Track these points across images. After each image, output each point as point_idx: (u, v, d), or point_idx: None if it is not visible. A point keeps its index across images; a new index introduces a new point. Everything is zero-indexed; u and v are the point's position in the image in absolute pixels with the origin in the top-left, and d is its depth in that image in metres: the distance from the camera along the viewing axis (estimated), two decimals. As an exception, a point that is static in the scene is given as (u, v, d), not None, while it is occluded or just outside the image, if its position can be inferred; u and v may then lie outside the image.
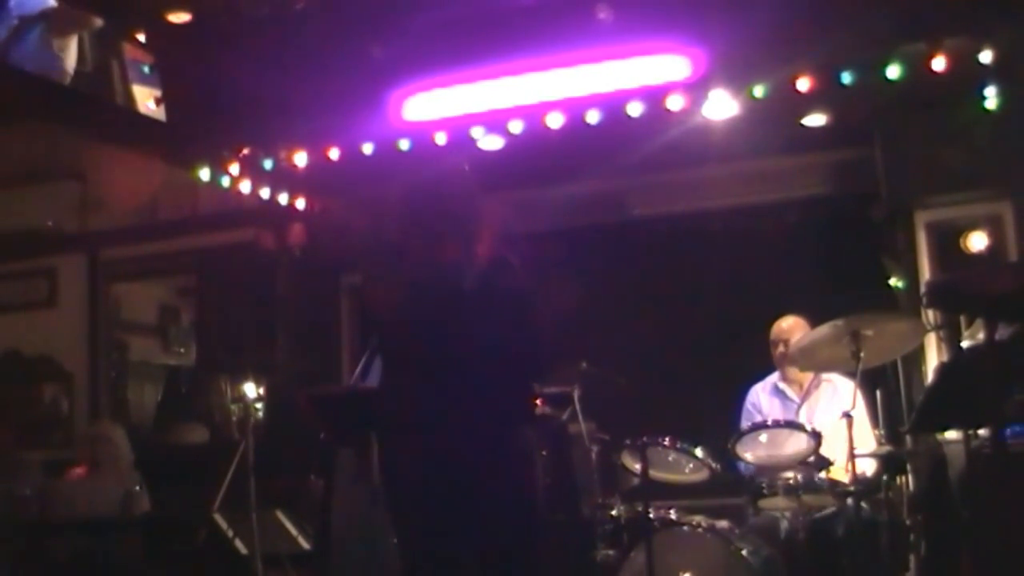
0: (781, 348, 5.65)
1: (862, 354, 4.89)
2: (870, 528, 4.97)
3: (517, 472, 3.68)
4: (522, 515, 3.68)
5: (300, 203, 7.17)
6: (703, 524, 5.08)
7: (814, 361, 5.33)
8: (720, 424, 5.64)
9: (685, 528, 5.08)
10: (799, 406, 5.53)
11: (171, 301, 9.53)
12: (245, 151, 6.61)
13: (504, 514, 3.62)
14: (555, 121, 5.86)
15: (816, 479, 5.00)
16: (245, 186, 6.84)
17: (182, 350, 9.40)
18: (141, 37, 6.24)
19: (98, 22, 6.06)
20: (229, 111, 6.33)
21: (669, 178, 6.86)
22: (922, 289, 5.83)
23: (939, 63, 5.32)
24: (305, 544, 6.08)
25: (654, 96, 5.69)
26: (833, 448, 5.00)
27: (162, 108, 6.30)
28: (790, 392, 5.70)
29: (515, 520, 3.65)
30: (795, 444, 5.07)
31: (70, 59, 5.92)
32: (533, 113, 5.89)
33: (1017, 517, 3.86)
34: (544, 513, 3.93)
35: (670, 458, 5.31)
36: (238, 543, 5.86)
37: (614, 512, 5.20)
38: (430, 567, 3.66)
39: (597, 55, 5.79)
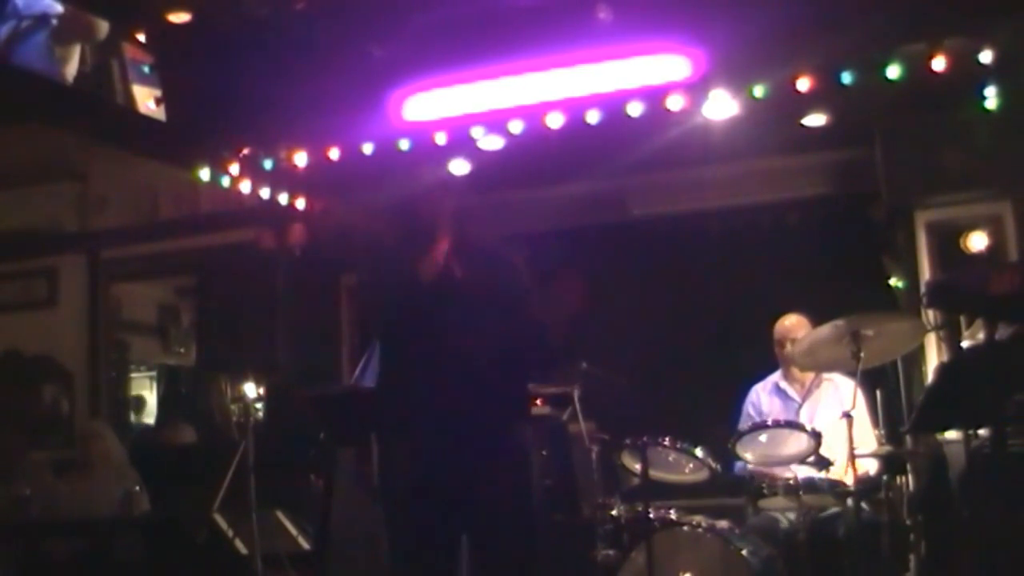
0: (788, 347, 5.63)
1: (862, 354, 4.89)
2: (870, 528, 4.98)
3: (514, 470, 3.68)
4: (520, 514, 3.67)
5: (300, 203, 7.17)
6: (703, 524, 5.08)
7: (814, 361, 5.32)
8: (720, 424, 5.64)
9: (685, 528, 5.08)
10: (800, 405, 5.53)
11: (171, 301, 9.53)
12: (245, 151, 6.60)
13: (502, 513, 3.62)
14: (555, 121, 5.85)
15: (816, 479, 5.00)
16: (245, 186, 6.83)
17: (182, 350, 9.40)
18: (141, 37, 6.24)
19: (102, 33, 6.06)
20: (229, 111, 6.33)
21: (669, 178, 6.86)
22: (922, 289, 5.83)
23: (939, 63, 5.32)
24: (305, 544, 6.08)
25: (654, 96, 5.68)
26: (833, 448, 5.00)
27: (162, 108, 6.30)
28: (791, 391, 5.70)
29: (512, 519, 3.65)
30: (795, 444, 5.07)
31: (71, 68, 5.92)
32: (533, 113, 5.89)
33: (1017, 517, 3.86)
34: (543, 512, 3.94)
35: (670, 458, 5.31)
36: (238, 543, 5.86)
37: (614, 512, 5.19)
38: (421, 565, 3.65)
39: (597, 55, 5.78)
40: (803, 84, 5.49)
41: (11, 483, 6.32)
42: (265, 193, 6.95)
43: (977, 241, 6.04)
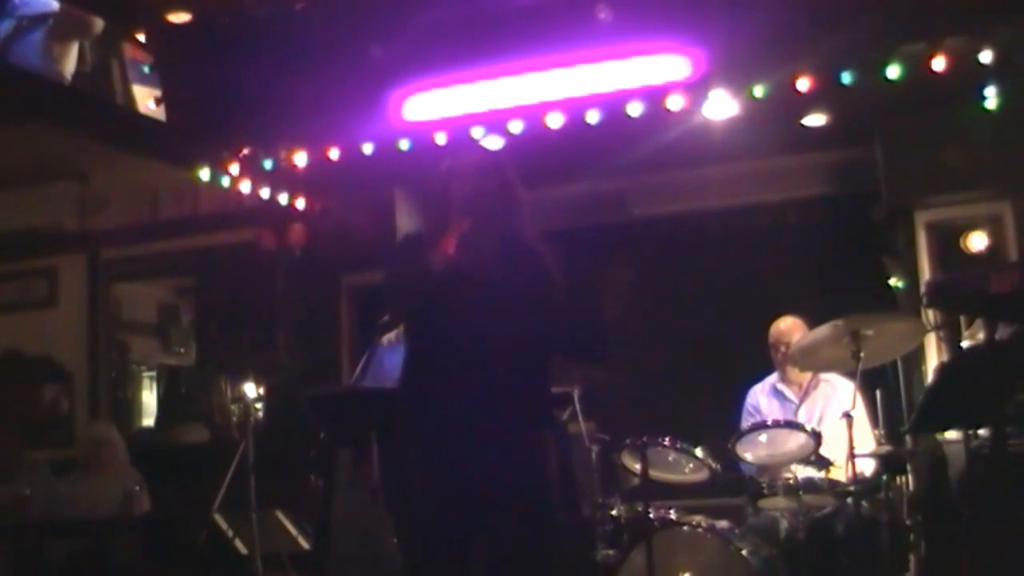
0: (782, 349, 5.64)
1: (862, 354, 4.89)
2: (870, 528, 4.97)
3: (533, 473, 3.65)
4: (535, 517, 3.65)
5: (300, 203, 7.17)
6: (703, 524, 5.08)
7: (814, 361, 5.32)
8: (720, 424, 5.64)
9: (685, 528, 5.07)
10: (797, 407, 5.53)
11: (171, 301, 9.53)
12: (245, 151, 6.60)
13: (518, 515, 3.59)
14: (555, 121, 5.85)
15: (816, 479, 5.00)
16: (245, 186, 6.84)
17: (182, 350, 9.40)
18: (141, 37, 6.25)
19: (98, 30, 6.06)
20: (229, 111, 6.33)
21: (669, 178, 6.86)
22: (922, 289, 5.83)
23: (939, 63, 5.32)
24: (305, 544, 6.08)
25: (654, 96, 5.69)
26: (833, 448, 5.00)
27: (162, 108, 6.31)
28: (789, 393, 5.70)
29: (528, 521, 3.62)
30: (795, 444, 5.08)
31: (68, 66, 5.93)
32: (533, 113, 5.89)
33: (1017, 517, 3.86)
34: (554, 516, 3.90)
35: (670, 458, 5.31)
36: (238, 543, 5.87)
37: (614, 512, 5.19)
38: (436, 565, 3.62)
39: (597, 55, 5.79)
40: (803, 84, 5.49)
41: (11, 483, 6.32)
42: (265, 193, 6.96)
43: (977, 241, 6.04)
